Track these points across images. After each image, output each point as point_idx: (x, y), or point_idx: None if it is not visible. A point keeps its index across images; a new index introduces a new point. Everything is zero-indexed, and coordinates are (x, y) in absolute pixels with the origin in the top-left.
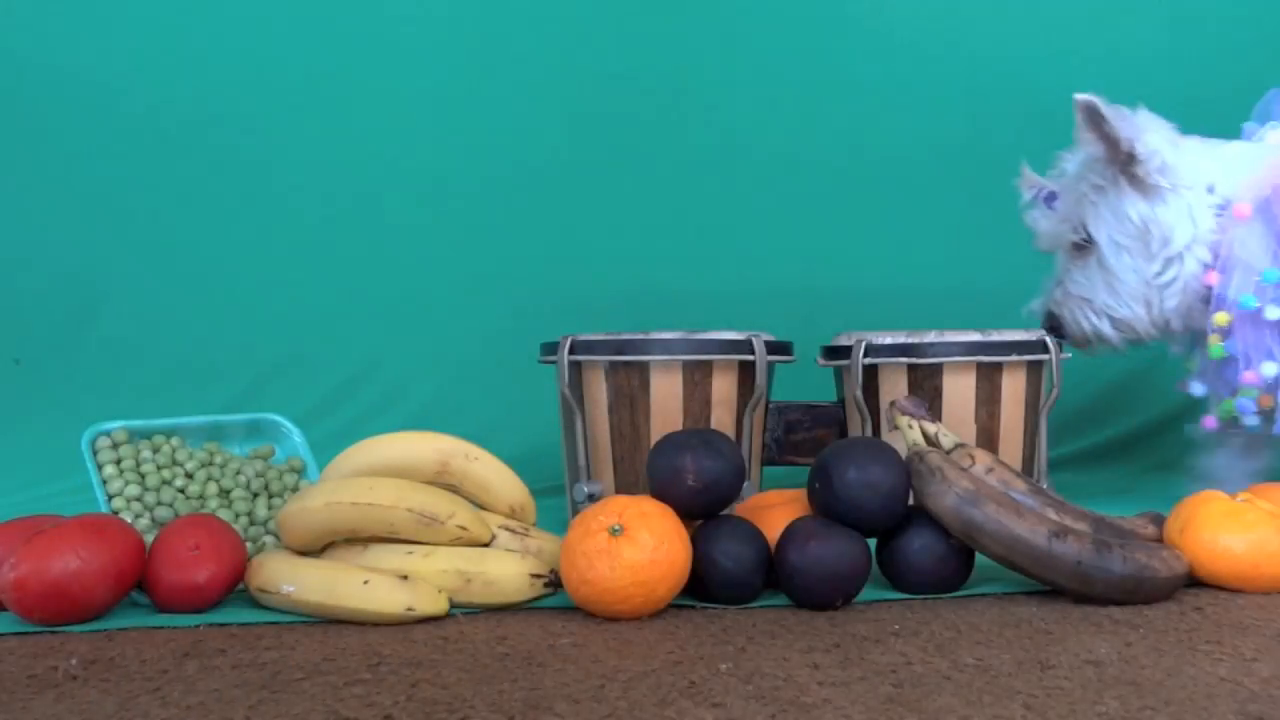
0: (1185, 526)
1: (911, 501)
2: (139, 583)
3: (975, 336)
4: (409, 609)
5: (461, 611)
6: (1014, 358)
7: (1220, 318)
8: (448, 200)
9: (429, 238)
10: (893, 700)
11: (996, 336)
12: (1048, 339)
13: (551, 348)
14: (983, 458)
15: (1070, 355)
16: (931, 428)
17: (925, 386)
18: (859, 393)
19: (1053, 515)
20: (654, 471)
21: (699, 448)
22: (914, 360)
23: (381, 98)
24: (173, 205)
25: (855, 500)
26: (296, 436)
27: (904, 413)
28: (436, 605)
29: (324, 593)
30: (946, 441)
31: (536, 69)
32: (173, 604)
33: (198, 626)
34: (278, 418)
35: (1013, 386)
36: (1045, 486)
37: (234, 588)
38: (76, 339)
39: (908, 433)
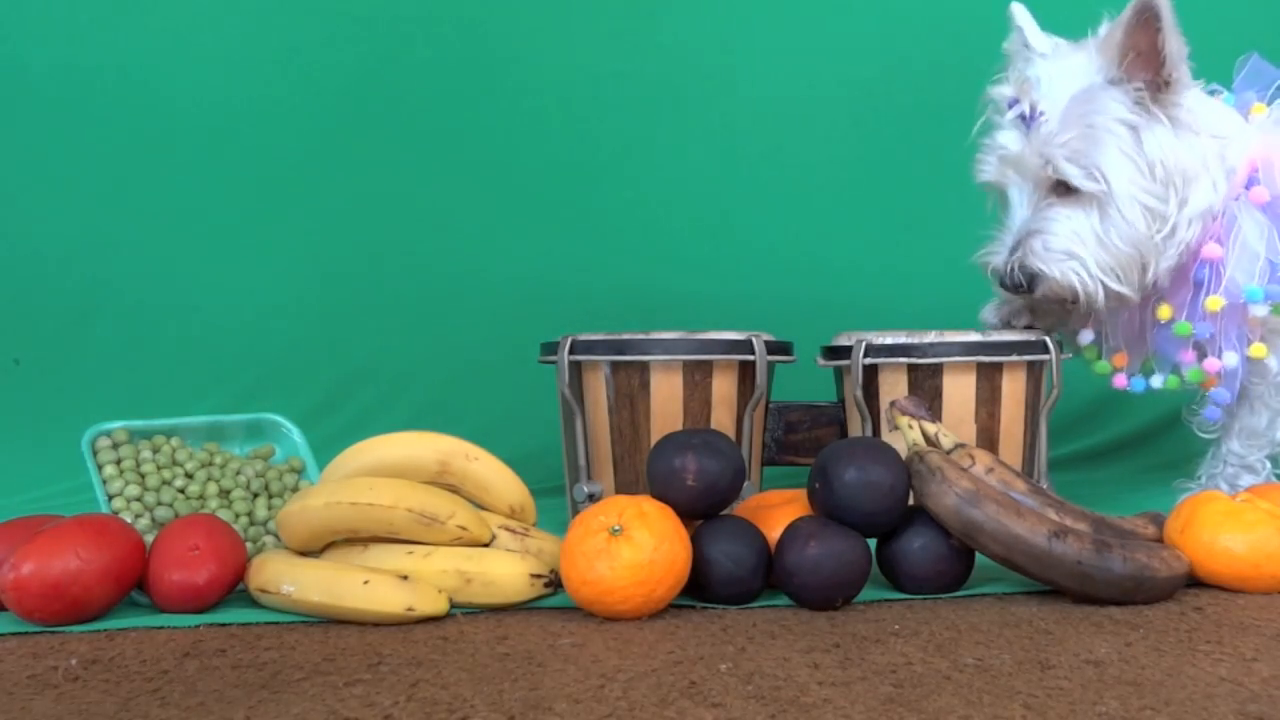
0: (1185, 527)
1: (911, 501)
2: (139, 583)
3: (975, 337)
4: (409, 609)
5: (462, 611)
6: (1014, 358)
7: (1214, 302)
8: (447, 200)
9: (429, 237)
10: (893, 700)
11: (996, 337)
12: (1048, 339)
13: (551, 348)
14: (983, 458)
15: (1070, 356)
16: (931, 428)
17: (925, 387)
18: (859, 393)
19: (1053, 515)
20: (654, 471)
21: (699, 448)
22: (914, 360)
23: (381, 98)
24: (173, 205)
25: (855, 500)
26: (296, 436)
27: (904, 413)
28: (436, 605)
29: (324, 593)
30: (946, 441)
31: (536, 69)
32: (173, 604)
33: (198, 626)
34: (278, 418)
35: (1013, 387)
36: (1045, 487)
37: (234, 588)
38: (76, 339)
39: (908, 433)
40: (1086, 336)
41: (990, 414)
